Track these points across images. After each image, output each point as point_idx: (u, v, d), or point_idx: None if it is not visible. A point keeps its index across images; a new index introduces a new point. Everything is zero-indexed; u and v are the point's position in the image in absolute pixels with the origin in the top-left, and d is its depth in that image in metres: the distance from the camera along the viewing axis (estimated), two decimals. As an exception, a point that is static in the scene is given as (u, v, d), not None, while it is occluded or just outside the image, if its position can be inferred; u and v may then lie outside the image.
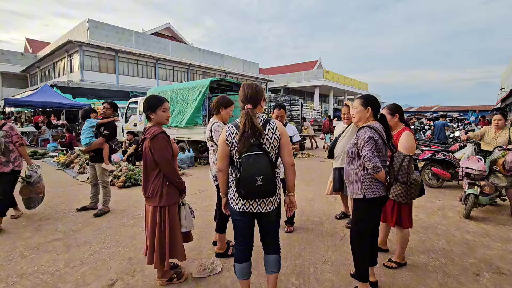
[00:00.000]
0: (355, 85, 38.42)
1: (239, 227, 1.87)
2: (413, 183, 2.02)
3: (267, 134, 1.72)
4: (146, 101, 2.20)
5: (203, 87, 7.53)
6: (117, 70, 20.38)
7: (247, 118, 1.70)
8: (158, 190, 2.12)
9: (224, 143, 1.76)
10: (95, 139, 3.83)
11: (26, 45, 32.47)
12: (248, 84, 1.82)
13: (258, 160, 1.63)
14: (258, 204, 1.77)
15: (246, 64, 31.94)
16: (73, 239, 3.08)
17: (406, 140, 2.42)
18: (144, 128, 2.24)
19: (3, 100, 12.28)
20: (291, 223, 3.46)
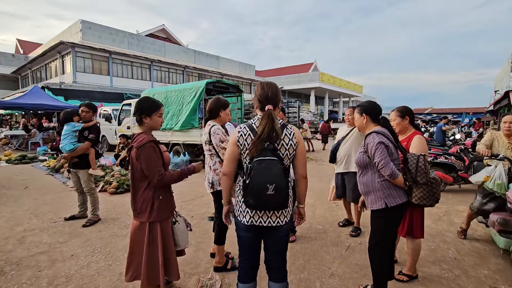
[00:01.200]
0: (350, 87, 38.59)
1: (245, 242, 1.66)
2: (434, 182, 1.90)
3: (283, 140, 1.56)
4: (141, 103, 1.98)
5: (199, 89, 7.34)
6: (111, 72, 20.03)
7: (268, 120, 1.52)
8: (148, 203, 1.91)
9: (235, 144, 1.59)
10: (79, 144, 3.54)
11: (17, 46, 31.87)
12: (267, 83, 1.66)
13: (271, 166, 1.45)
14: (268, 217, 1.56)
15: (242, 66, 31.80)
16: (59, 252, 2.85)
17: (419, 144, 2.27)
18: (133, 134, 2.02)
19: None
20: (293, 232, 3.28)
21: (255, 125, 1.59)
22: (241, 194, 1.58)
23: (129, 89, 19.63)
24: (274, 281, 1.68)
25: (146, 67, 22.31)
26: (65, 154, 3.57)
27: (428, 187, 1.92)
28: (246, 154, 1.56)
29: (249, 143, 1.54)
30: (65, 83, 17.17)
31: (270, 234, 1.62)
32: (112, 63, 20.13)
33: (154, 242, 1.92)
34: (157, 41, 23.97)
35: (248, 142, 1.56)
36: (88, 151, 3.60)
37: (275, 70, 43.36)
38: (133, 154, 1.89)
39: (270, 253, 1.66)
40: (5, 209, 4.19)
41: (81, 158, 3.58)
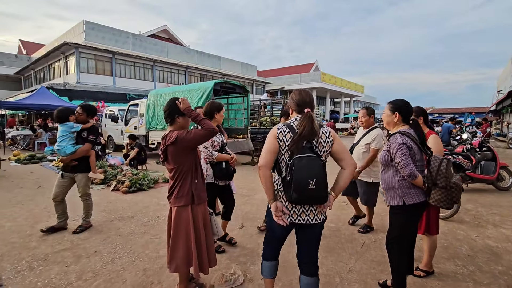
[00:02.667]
0: (352, 87, 38.67)
1: (276, 236, 1.81)
2: (454, 187, 1.94)
3: (321, 138, 1.69)
4: (175, 104, 2.08)
5: (206, 89, 7.42)
6: (114, 72, 20.12)
7: (309, 120, 1.65)
8: (187, 188, 2.09)
9: (275, 138, 1.68)
10: (79, 146, 3.31)
11: (20, 47, 31.97)
12: (305, 90, 1.83)
13: (311, 163, 1.56)
14: (307, 215, 1.68)
15: (243, 67, 31.88)
16: (82, 249, 2.92)
17: (434, 144, 2.34)
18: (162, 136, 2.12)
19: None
20: None
21: (294, 124, 1.70)
22: (280, 193, 1.70)
23: (132, 89, 19.73)
24: (307, 275, 1.76)
25: (149, 67, 22.40)
26: (63, 157, 3.28)
27: (447, 191, 1.95)
28: (284, 151, 1.67)
29: (288, 140, 1.65)
30: (69, 84, 17.26)
31: (306, 230, 1.73)
32: (115, 63, 20.22)
33: (198, 228, 2.09)
34: (159, 42, 24.06)
35: (287, 139, 1.66)
36: (89, 153, 3.41)
37: (277, 70, 43.43)
38: (171, 149, 2.01)
39: (305, 248, 1.77)
40: (23, 207, 4.27)
41: (81, 161, 3.35)
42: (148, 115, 8.87)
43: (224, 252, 2.88)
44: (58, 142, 3.28)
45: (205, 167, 2.73)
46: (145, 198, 4.84)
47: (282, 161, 1.70)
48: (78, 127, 3.37)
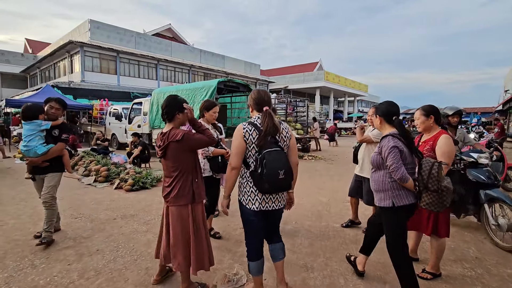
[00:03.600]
0: (356, 87, 38.42)
1: (255, 226, 1.93)
2: (445, 191, 1.90)
3: (282, 133, 1.89)
4: (174, 100, 2.11)
5: (210, 88, 7.39)
6: (118, 71, 20.20)
7: (268, 117, 1.82)
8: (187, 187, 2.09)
9: (242, 139, 1.81)
10: (51, 146, 2.99)
11: (26, 46, 32.26)
12: (263, 90, 2.02)
13: (278, 156, 1.76)
14: (273, 202, 1.89)
15: (247, 66, 31.82)
16: (84, 247, 2.92)
17: (445, 144, 2.27)
18: (162, 133, 2.09)
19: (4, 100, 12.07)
20: None
21: (257, 122, 1.86)
22: (249, 184, 1.86)
23: (136, 88, 19.78)
24: (274, 243, 2.08)
25: (153, 66, 22.45)
26: (33, 159, 2.94)
27: (439, 195, 1.92)
28: (251, 148, 1.83)
29: (255, 138, 1.81)
30: (73, 82, 17.37)
31: (272, 215, 1.99)
32: (120, 62, 20.29)
33: (198, 226, 2.11)
34: (163, 41, 24.10)
35: (253, 136, 1.81)
36: (63, 153, 3.13)
37: (280, 69, 43.29)
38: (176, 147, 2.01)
39: (271, 228, 2.05)
40: (26, 205, 4.28)
41: (53, 161, 3.03)
42: (152, 113, 8.88)
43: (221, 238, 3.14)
44: (25, 142, 2.91)
45: (203, 162, 2.86)
46: (148, 197, 4.83)
47: (249, 156, 1.85)
48: (48, 125, 3.00)
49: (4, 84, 25.64)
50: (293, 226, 3.60)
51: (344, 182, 5.58)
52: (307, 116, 11.36)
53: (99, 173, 5.87)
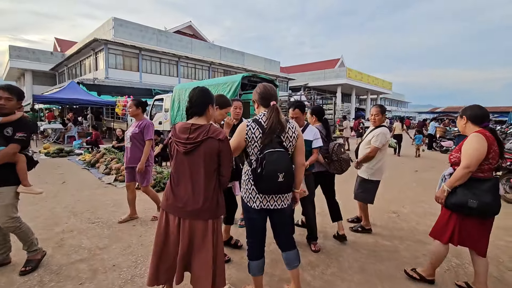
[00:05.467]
0: (379, 84, 36.76)
1: (255, 224, 1.87)
2: (342, 160, 2.99)
3: (287, 133, 1.78)
4: (210, 93, 1.88)
5: (234, 83, 6.97)
6: (141, 68, 20.38)
7: (274, 113, 1.73)
8: (218, 197, 1.80)
9: (243, 137, 1.76)
10: (1, 148, 2.20)
11: (55, 45, 33.63)
12: (269, 84, 1.89)
13: (280, 157, 1.67)
14: (275, 201, 1.82)
15: (267, 62, 31.26)
16: (99, 261, 2.56)
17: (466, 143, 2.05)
18: (193, 125, 1.74)
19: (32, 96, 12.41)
20: (315, 239, 2.96)
21: (262, 120, 1.77)
22: (251, 182, 1.79)
23: (158, 84, 19.89)
24: (287, 250, 1.96)
25: (174, 63, 22.49)
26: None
27: (339, 162, 3.00)
28: (254, 146, 1.76)
29: (258, 136, 1.73)
30: (98, 79, 17.68)
31: (276, 215, 1.89)
32: (142, 59, 20.46)
33: (219, 242, 1.81)
34: (184, 38, 24.08)
35: (256, 135, 1.74)
36: (15, 159, 2.29)
37: (300, 66, 42.35)
38: (218, 146, 1.71)
39: (279, 231, 1.95)
40: (45, 205, 4.06)
41: (5, 169, 2.26)
42: (173, 110, 8.61)
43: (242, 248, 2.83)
44: None
45: None
46: (169, 199, 4.48)
47: (252, 154, 1.77)
48: None
49: (35, 81, 26.81)
50: (334, 242, 3.08)
51: (385, 189, 4.95)
52: (334, 114, 10.66)
53: (119, 172, 5.62)
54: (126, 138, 3.45)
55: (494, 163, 1.98)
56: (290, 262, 1.96)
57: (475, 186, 1.98)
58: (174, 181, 1.77)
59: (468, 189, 1.99)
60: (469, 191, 1.98)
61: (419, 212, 4.17)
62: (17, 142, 2.24)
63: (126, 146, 3.44)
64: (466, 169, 1.96)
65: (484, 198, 1.94)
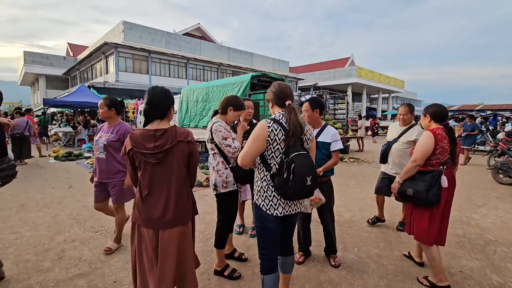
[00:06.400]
0: (391, 83, 35.84)
1: (272, 233, 1.73)
2: None
3: (306, 134, 1.73)
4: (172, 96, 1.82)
5: (243, 84, 6.74)
6: (150, 71, 20.51)
7: (294, 114, 1.65)
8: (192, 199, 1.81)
9: (264, 140, 1.61)
10: None
11: (68, 50, 34.39)
12: (283, 83, 1.81)
13: (305, 160, 1.60)
14: (295, 205, 1.75)
15: (276, 62, 31.01)
16: (100, 276, 2.36)
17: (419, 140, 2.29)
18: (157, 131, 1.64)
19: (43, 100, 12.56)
20: (334, 252, 2.69)
21: (283, 121, 1.65)
22: (270, 188, 1.67)
23: (167, 87, 19.62)
24: (286, 255, 1.91)
25: (183, 65, 22.54)
26: None
27: None
28: (275, 149, 1.63)
29: (281, 138, 1.62)
30: (108, 82, 17.87)
31: (289, 220, 1.82)
32: (151, 62, 20.59)
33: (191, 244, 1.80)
34: (193, 40, 24.13)
35: (279, 137, 1.61)
36: None
37: (309, 66, 41.88)
38: (186, 149, 1.68)
39: (286, 234, 1.86)
40: (49, 212, 3.92)
41: None
42: (181, 111, 8.46)
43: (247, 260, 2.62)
44: None
45: (225, 173, 2.30)
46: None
47: (271, 158, 1.65)
48: None
49: (49, 85, 27.44)
50: (356, 255, 2.78)
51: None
52: (347, 114, 10.28)
53: (126, 176, 5.47)
54: (97, 146, 2.69)
55: (442, 158, 2.18)
56: (288, 266, 1.92)
57: (417, 177, 2.24)
58: (144, 193, 1.64)
59: (410, 180, 2.27)
60: (410, 181, 2.26)
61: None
62: None
63: (98, 157, 2.69)
64: (414, 163, 2.23)
65: (419, 187, 2.18)
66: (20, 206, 4.14)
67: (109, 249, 2.75)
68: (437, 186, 2.14)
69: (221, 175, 2.30)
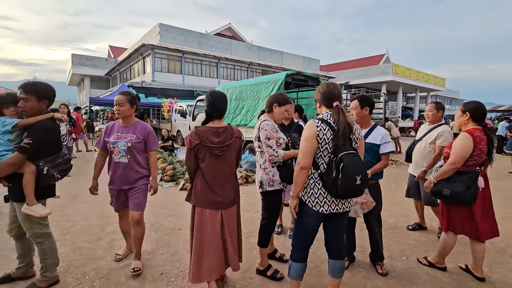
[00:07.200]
0: (431, 81, 33.41)
1: (311, 229, 1.80)
2: None
3: (354, 134, 1.74)
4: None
5: (277, 82, 6.67)
6: (183, 70, 21.24)
7: (342, 114, 1.67)
8: (238, 184, 2.16)
9: (315, 138, 1.65)
10: (6, 156, 1.93)
11: (109, 52, 36.85)
12: (332, 83, 1.82)
13: (355, 159, 1.62)
14: (342, 204, 1.75)
15: (306, 61, 30.47)
16: (147, 267, 2.45)
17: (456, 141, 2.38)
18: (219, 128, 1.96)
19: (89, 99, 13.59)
20: (381, 259, 2.52)
21: (331, 120, 1.69)
22: (318, 185, 1.71)
23: (199, 86, 20.52)
24: (335, 259, 1.86)
25: (214, 65, 23.03)
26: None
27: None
28: (324, 148, 1.67)
29: (329, 138, 1.65)
30: (145, 82, 18.82)
31: (336, 218, 1.80)
32: (184, 62, 21.31)
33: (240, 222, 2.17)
34: (224, 39, 24.53)
35: (327, 136, 1.65)
36: (21, 171, 1.95)
37: (340, 64, 40.54)
38: (239, 143, 2.05)
39: (333, 235, 1.85)
40: (97, 203, 4.18)
41: (15, 183, 1.98)
42: (215, 110, 8.62)
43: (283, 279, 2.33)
44: None
45: (272, 172, 2.29)
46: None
47: (319, 157, 1.70)
48: (10, 124, 1.99)
49: (93, 85, 29.61)
50: (404, 264, 2.61)
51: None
52: (384, 113, 9.75)
53: (165, 172, 5.70)
54: (117, 149, 2.32)
55: (479, 159, 2.19)
56: (336, 271, 1.87)
57: (453, 177, 2.23)
58: (208, 180, 1.93)
59: (446, 180, 2.26)
60: (446, 181, 2.25)
61: (506, 230, 3.44)
62: (18, 150, 1.91)
63: (118, 161, 2.36)
64: (453, 165, 2.21)
65: (456, 188, 2.19)
66: (73, 197, 4.49)
67: (138, 269, 2.33)
68: (474, 187, 2.18)
69: (268, 173, 2.29)
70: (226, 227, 1.96)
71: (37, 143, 1.95)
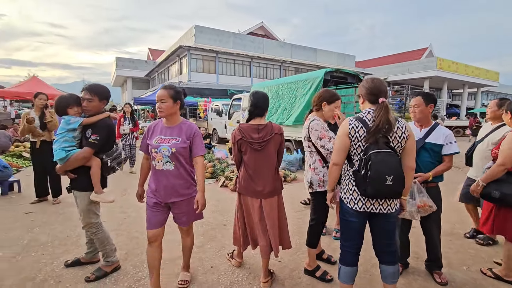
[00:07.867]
0: (481, 75, 30.26)
1: (353, 228, 1.76)
2: None
3: (396, 132, 1.64)
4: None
5: (315, 80, 6.55)
6: (217, 70, 21.79)
7: (385, 112, 1.60)
8: (279, 177, 2.28)
9: (347, 136, 1.66)
10: (74, 151, 2.15)
11: (148, 54, 39.09)
12: (377, 78, 1.75)
13: (388, 159, 1.55)
14: (380, 204, 1.67)
15: (340, 57, 29.47)
16: (198, 260, 2.56)
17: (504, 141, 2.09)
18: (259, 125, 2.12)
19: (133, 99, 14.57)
20: (439, 267, 2.33)
21: (367, 118, 1.65)
22: (352, 182, 1.70)
23: (232, 85, 20.91)
24: (386, 264, 1.77)
25: (247, 64, 23.28)
26: (58, 166, 2.21)
27: None
28: (357, 146, 1.65)
29: (362, 136, 1.63)
30: (182, 82, 19.64)
31: (379, 219, 1.72)
32: (218, 62, 21.84)
33: (284, 210, 2.32)
34: (256, 38, 24.68)
35: (360, 134, 1.63)
36: (89, 163, 2.19)
37: (377, 59, 38.54)
38: (279, 139, 2.16)
39: (380, 238, 1.76)
40: (145, 196, 4.47)
41: (80, 174, 2.20)
42: (250, 109, 8.72)
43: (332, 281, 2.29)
44: (54, 145, 2.21)
45: (322, 172, 2.26)
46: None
47: (354, 154, 1.69)
48: (76, 123, 2.19)
49: (134, 86, 31.70)
50: (466, 275, 2.40)
51: None
52: (432, 111, 9.05)
53: (206, 169, 5.90)
54: (159, 155, 1.95)
55: None
56: (387, 276, 1.78)
57: (502, 178, 2.15)
58: (250, 171, 2.12)
59: (495, 181, 2.17)
60: (495, 183, 2.17)
61: None
62: (88, 146, 2.13)
63: (162, 169, 1.97)
64: (501, 166, 2.12)
65: (507, 190, 2.11)
66: (124, 190, 4.84)
67: (186, 282, 2.23)
68: None
69: (318, 174, 2.26)
70: (265, 214, 2.13)
71: (102, 139, 2.20)
